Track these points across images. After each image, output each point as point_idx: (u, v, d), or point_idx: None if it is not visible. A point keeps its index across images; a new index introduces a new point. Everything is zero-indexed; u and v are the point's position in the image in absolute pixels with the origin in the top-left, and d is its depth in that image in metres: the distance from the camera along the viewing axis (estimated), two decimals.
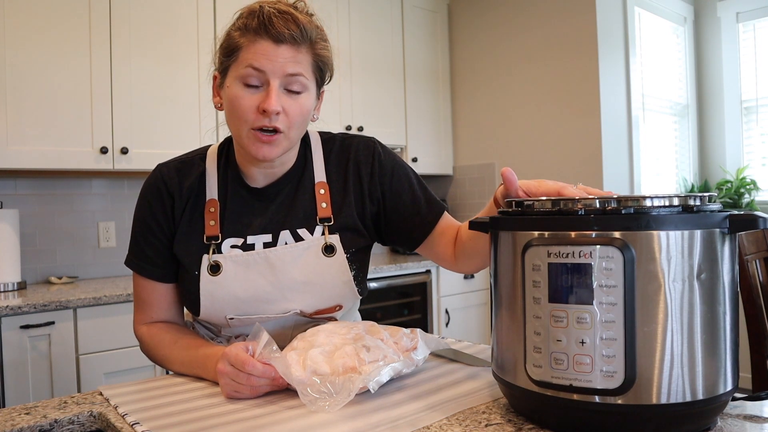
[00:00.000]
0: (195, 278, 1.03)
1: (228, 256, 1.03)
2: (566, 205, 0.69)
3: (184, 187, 1.06)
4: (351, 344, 0.90)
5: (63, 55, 2.31)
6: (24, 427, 0.80)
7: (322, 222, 1.06)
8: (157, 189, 1.06)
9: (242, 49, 0.96)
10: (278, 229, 1.06)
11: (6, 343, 1.92)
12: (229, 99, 0.98)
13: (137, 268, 1.08)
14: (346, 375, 0.84)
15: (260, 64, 0.94)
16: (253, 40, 0.95)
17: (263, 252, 1.03)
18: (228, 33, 1.00)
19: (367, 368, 0.85)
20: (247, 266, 1.03)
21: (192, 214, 1.06)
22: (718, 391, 0.66)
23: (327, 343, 0.91)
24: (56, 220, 2.61)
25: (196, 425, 0.77)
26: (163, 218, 1.06)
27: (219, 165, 1.08)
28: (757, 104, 3.54)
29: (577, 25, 3.13)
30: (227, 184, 1.07)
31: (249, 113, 0.95)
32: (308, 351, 0.88)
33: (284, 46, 0.95)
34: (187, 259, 1.04)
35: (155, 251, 1.07)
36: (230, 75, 0.98)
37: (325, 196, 1.08)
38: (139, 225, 1.08)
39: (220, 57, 1.00)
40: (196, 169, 1.07)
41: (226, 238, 1.04)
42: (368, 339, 0.92)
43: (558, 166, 3.24)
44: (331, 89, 1.15)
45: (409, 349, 0.95)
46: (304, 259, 1.04)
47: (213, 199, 1.05)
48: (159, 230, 1.06)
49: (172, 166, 1.08)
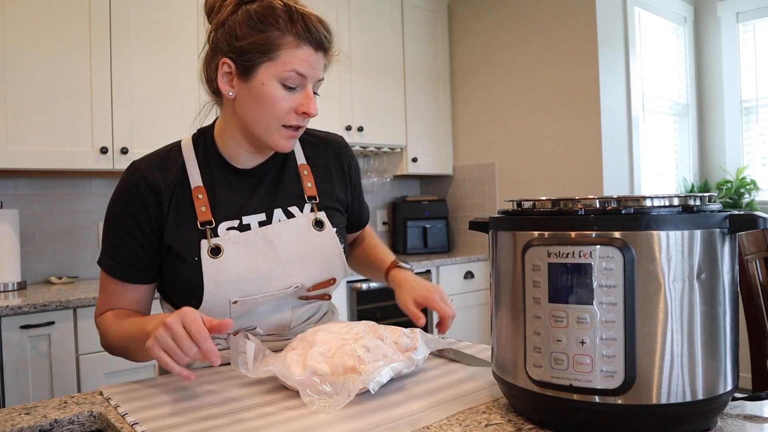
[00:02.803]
0: (195, 265, 1.02)
1: (226, 237, 1.04)
2: (566, 205, 0.69)
3: (168, 179, 1.05)
4: (351, 344, 0.90)
5: (63, 55, 2.31)
6: (24, 427, 0.80)
7: (310, 200, 1.14)
8: (136, 187, 1.04)
9: (282, 49, 0.98)
10: (271, 208, 1.10)
11: (6, 343, 1.92)
12: (262, 96, 1.00)
13: (108, 268, 1.06)
14: (346, 375, 0.84)
15: (304, 70, 1.00)
16: (297, 45, 0.99)
17: (260, 230, 1.07)
18: (257, 27, 0.97)
19: (367, 368, 0.85)
20: (247, 245, 1.05)
21: (179, 204, 1.06)
22: (718, 391, 0.66)
23: (328, 342, 0.91)
24: (56, 220, 2.61)
25: (196, 425, 0.77)
26: (143, 216, 1.04)
27: (198, 154, 1.10)
28: (757, 104, 3.54)
29: (577, 25, 3.13)
30: (212, 171, 1.09)
31: (286, 113, 1.01)
32: (308, 351, 0.88)
33: (320, 53, 1.02)
34: (184, 248, 1.04)
35: (129, 251, 1.04)
36: (265, 72, 0.98)
37: (309, 177, 1.16)
38: (113, 224, 1.05)
39: (249, 49, 0.98)
40: (175, 160, 1.08)
41: (221, 222, 1.06)
42: (368, 339, 0.92)
43: (558, 166, 3.24)
44: (331, 89, 1.21)
45: (409, 349, 0.95)
46: (299, 234, 1.09)
47: (198, 186, 1.06)
48: (137, 228, 1.04)
49: (151, 162, 1.07)
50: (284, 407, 0.82)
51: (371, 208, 3.71)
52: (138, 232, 1.04)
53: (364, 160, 3.64)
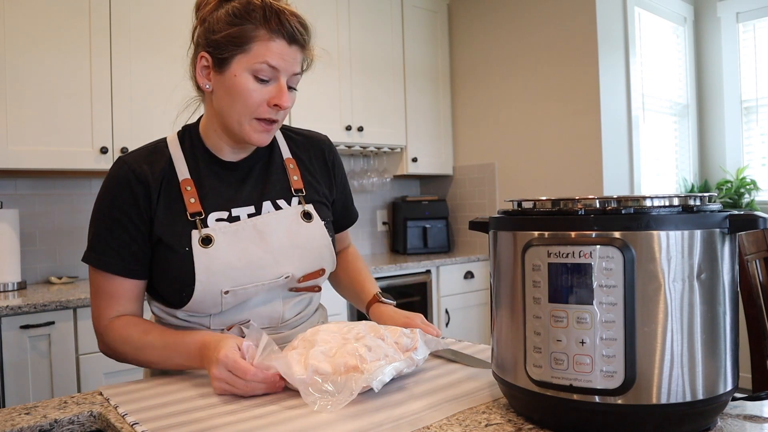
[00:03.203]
0: (187, 255, 1.03)
1: (217, 228, 1.05)
2: (566, 205, 0.69)
3: (156, 172, 1.07)
4: (352, 343, 0.90)
5: (63, 55, 2.31)
6: (24, 427, 0.80)
7: (297, 193, 1.16)
8: (126, 180, 1.04)
9: (255, 42, 1.00)
10: (260, 200, 1.12)
11: (6, 343, 1.92)
12: (234, 87, 1.02)
13: (100, 263, 1.04)
14: (348, 374, 0.84)
15: (276, 62, 1.01)
16: (270, 38, 1.00)
17: (250, 221, 1.08)
18: (232, 22, 1.01)
19: (369, 367, 0.85)
20: (237, 235, 1.06)
21: (168, 196, 1.06)
22: (718, 391, 0.66)
23: (329, 341, 0.91)
24: (56, 220, 2.61)
25: (196, 425, 0.77)
26: (134, 210, 1.04)
27: (184, 148, 1.11)
28: (757, 104, 3.54)
29: (577, 25, 3.13)
30: (198, 164, 1.10)
31: (258, 105, 1.02)
32: (309, 350, 0.88)
33: (295, 47, 1.03)
34: (174, 239, 1.04)
35: (121, 244, 1.03)
36: (238, 64, 1.01)
37: (295, 171, 1.18)
38: (103, 219, 1.05)
39: (223, 42, 1.01)
40: (162, 154, 1.09)
41: (210, 212, 1.07)
42: (369, 338, 0.92)
43: (558, 166, 3.24)
44: (331, 89, 1.22)
45: (410, 349, 0.95)
46: (288, 225, 1.11)
47: (186, 179, 1.08)
48: (128, 221, 1.03)
49: (138, 156, 1.08)
50: (285, 406, 0.83)
51: (371, 208, 3.71)
52: (129, 225, 1.04)
53: (364, 160, 3.64)
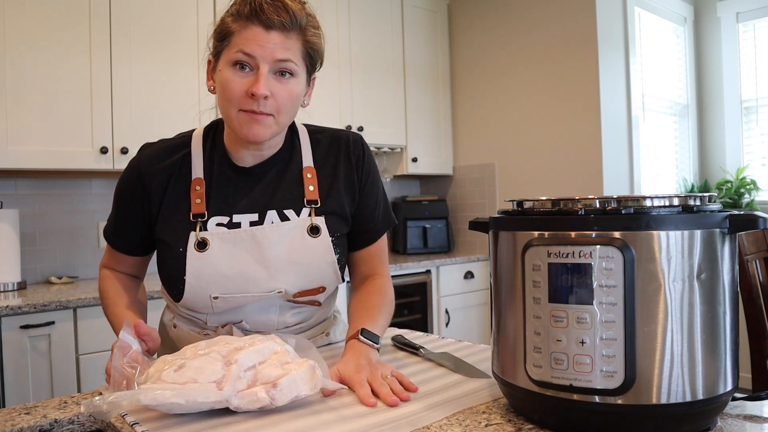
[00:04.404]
0: (180, 255, 1.04)
1: (214, 233, 1.05)
2: (566, 205, 0.69)
3: (172, 167, 1.08)
4: (215, 360, 0.83)
5: (63, 55, 2.31)
6: (24, 427, 0.80)
7: (309, 204, 1.10)
8: (138, 173, 1.09)
9: (234, 34, 1.00)
10: (264, 209, 1.08)
11: (6, 343, 1.92)
12: (220, 82, 1.02)
13: (109, 239, 1.16)
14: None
15: (251, 49, 0.98)
16: (245, 26, 0.99)
17: (250, 230, 1.06)
18: (222, 19, 1.04)
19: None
20: (234, 243, 1.05)
21: (177, 193, 1.07)
22: (718, 391, 0.66)
23: (199, 354, 0.85)
24: (56, 220, 2.61)
25: (196, 426, 0.77)
26: (138, 203, 1.09)
27: (204, 146, 1.11)
28: (757, 104, 3.54)
29: (577, 25, 3.13)
30: (213, 164, 1.10)
31: (238, 96, 0.99)
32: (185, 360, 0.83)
33: (274, 32, 0.98)
34: (172, 237, 1.06)
35: (126, 230, 1.13)
36: (222, 59, 1.02)
37: (313, 180, 1.11)
38: (115, 204, 1.14)
39: (214, 42, 1.05)
40: (179, 150, 1.10)
41: (212, 216, 1.07)
42: (243, 357, 0.82)
43: (558, 166, 3.24)
44: (331, 89, 1.20)
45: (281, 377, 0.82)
46: (290, 238, 1.07)
47: (199, 178, 1.08)
48: (132, 214, 1.10)
49: (160, 149, 1.11)
50: (285, 407, 0.82)
51: None
52: (133, 216, 1.10)
53: None
